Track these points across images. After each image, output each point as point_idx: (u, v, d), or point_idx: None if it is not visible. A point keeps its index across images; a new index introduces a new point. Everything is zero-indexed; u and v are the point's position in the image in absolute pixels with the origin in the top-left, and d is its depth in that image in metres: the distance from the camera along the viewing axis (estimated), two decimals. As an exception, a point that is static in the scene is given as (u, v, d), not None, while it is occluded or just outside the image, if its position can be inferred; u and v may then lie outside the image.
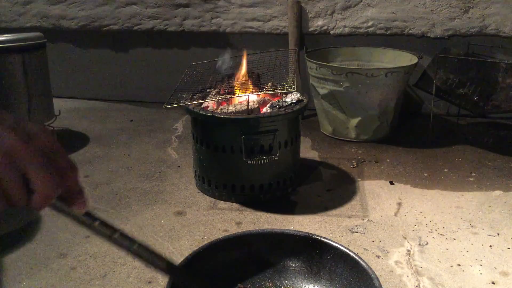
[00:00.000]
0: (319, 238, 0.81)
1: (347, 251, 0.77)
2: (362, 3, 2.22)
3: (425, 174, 1.64)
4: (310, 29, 2.29)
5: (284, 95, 1.48)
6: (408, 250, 1.17)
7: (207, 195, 1.49)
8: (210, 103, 1.47)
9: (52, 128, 1.92)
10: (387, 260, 1.13)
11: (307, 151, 1.87)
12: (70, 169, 0.45)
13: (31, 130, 0.43)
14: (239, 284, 0.81)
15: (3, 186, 0.41)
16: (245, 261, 0.83)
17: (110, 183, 1.59)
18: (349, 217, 1.35)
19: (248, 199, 1.44)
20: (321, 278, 0.81)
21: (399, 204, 1.43)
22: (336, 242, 0.80)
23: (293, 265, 0.84)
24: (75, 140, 2.02)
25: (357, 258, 0.75)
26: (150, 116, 2.36)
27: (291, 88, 1.36)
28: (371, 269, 0.71)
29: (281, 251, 0.84)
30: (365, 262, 0.73)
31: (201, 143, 1.44)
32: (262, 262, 0.84)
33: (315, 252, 0.81)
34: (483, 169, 1.68)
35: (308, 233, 0.83)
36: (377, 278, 0.69)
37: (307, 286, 0.82)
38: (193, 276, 0.70)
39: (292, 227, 1.30)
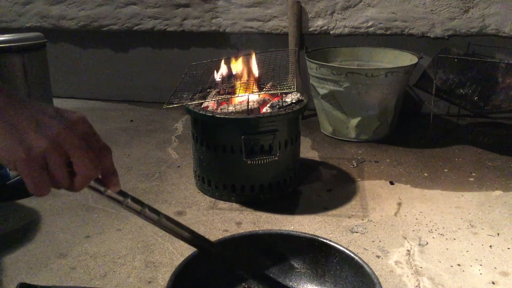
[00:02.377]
0: (325, 240, 0.81)
1: (352, 255, 0.77)
2: (362, 3, 2.22)
3: (425, 174, 1.64)
4: (310, 29, 2.29)
5: (284, 95, 1.48)
6: (408, 250, 1.17)
7: (207, 195, 1.49)
8: (210, 103, 1.48)
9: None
10: (387, 260, 1.13)
11: (307, 151, 1.87)
12: (105, 151, 0.50)
13: (71, 117, 0.47)
14: (243, 284, 0.81)
15: (50, 170, 0.45)
16: (250, 261, 0.83)
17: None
18: (349, 217, 1.35)
19: (248, 199, 1.44)
20: (326, 281, 0.81)
21: (399, 204, 1.43)
22: (342, 246, 0.80)
23: (298, 266, 0.84)
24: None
25: (361, 262, 0.75)
26: (150, 116, 2.36)
27: (291, 88, 1.36)
28: (374, 274, 0.71)
29: (286, 252, 0.84)
30: (369, 267, 0.73)
31: (201, 143, 1.44)
32: (267, 262, 0.84)
33: (320, 255, 0.82)
34: (483, 169, 1.68)
35: (314, 235, 0.83)
36: (379, 284, 0.69)
37: None
38: (220, 249, 0.71)
39: (292, 227, 1.30)
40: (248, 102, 1.40)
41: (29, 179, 0.44)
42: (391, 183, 1.57)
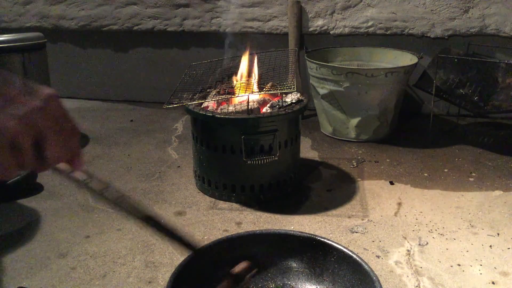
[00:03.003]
0: (323, 239, 0.81)
1: (350, 253, 0.77)
2: (362, 3, 2.22)
3: (425, 174, 1.64)
4: (310, 29, 2.29)
5: (284, 95, 1.48)
6: (408, 250, 1.17)
7: (207, 195, 1.49)
8: (210, 103, 1.47)
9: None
10: (387, 260, 1.13)
11: (307, 151, 1.87)
12: (74, 132, 0.47)
13: (42, 93, 0.44)
14: (243, 283, 0.81)
15: (18, 150, 0.42)
16: (248, 261, 0.83)
17: (110, 183, 1.59)
18: (349, 217, 1.35)
19: (248, 199, 1.44)
20: (324, 279, 0.81)
21: (399, 204, 1.43)
22: (339, 244, 0.80)
23: (296, 266, 0.84)
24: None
25: (359, 260, 0.75)
26: (150, 116, 2.36)
27: (291, 88, 1.36)
28: (373, 271, 0.71)
29: (284, 251, 0.84)
30: (367, 265, 0.73)
31: (201, 143, 1.44)
32: (265, 262, 0.84)
33: (318, 254, 0.82)
34: (483, 169, 1.68)
35: (312, 234, 0.83)
36: (378, 281, 0.69)
37: (309, 287, 0.82)
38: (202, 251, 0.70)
39: (292, 227, 1.30)
40: (248, 102, 1.40)
41: None
42: (391, 183, 1.57)
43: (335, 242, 0.80)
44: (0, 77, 0.42)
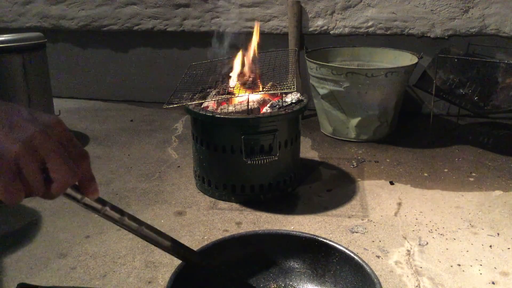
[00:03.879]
0: (325, 240, 0.81)
1: (352, 254, 0.77)
2: (362, 3, 2.22)
3: (425, 174, 1.64)
4: (310, 29, 2.29)
5: (284, 95, 1.48)
6: (408, 250, 1.17)
7: (207, 195, 1.49)
8: (210, 103, 1.47)
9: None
10: (387, 260, 1.13)
11: (307, 151, 1.87)
12: (83, 157, 0.47)
13: (47, 120, 0.44)
14: (243, 284, 0.81)
15: (24, 176, 0.42)
16: (250, 261, 0.83)
17: (110, 183, 1.59)
18: (349, 217, 1.35)
19: (248, 199, 1.44)
20: (326, 280, 0.81)
21: (399, 204, 1.43)
22: (341, 245, 0.79)
23: (298, 266, 0.84)
24: (75, 140, 2.01)
25: (361, 262, 0.74)
26: (150, 116, 2.36)
27: (291, 88, 1.36)
28: (374, 273, 0.71)
29: (286, 252, 0.84)
30: (369, 267, 0.73)
31: (201, 143, 1.44)
32: (267, 262, 0.84)
33: (320, 255, 0.81)
34: (483, 169, 1.68)
35: (314, 235, 0.83)
36: (379, 283, 0.69)
37: None
38: (201, 258, 0.70)
39: (292, 227, 1.30)
40: (248, 102, 1.40)
41: (0, 185, 0.41)
42: (391, 183, 1.57)
43: (337, 243, 0.80)
44: (8, 107, 0.43)
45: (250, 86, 1.50)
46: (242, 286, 0.77)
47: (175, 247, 0.62)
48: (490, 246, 1.19)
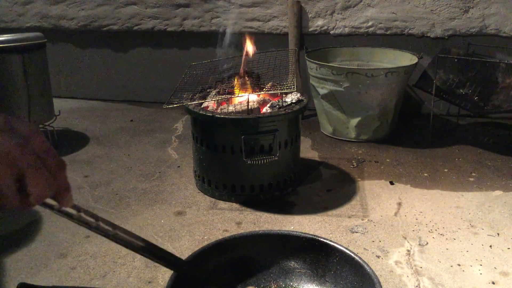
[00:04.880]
0: (326, 241, 0.81)
1: (353, 255, 0.77)
2: (362, 3, 2.22)
3: (425, 174, 1.64)
4: (310, 29, 2.29)
5: (284, 95, 1.48)
6: (408, 250, 1.17)
7: (207, 195, 1.49)
8: (210, 103, 1.47)
9: (52, 128, 1.92)
10: (387, 260, 1.13)
11: (307, 151, 1.87)
12: (60, 167, 0.46)
13: (24, 131, 0.43)
14: (243, 284, 0.81)
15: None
16: (251, 261, 0.83)
17: (110, 183, 1.59)
18: (349, 217, 1.35)
19: (248, 199, 1.44)
20: (326, 281, 0.81)
21: (399, 204, 1.43)
22: (342, 246, 0.79)
23: (299, 267, 0.84)
24: (75, 140, 2.02)
25: (362, 262, 0.74)
26: (150, 116, 2.36)
27: (291, 88, 1.36)
28: (374, 274, 0.71)
29: (287, 252, 0.84)
30: (369, 267, 0.73)
31: (201, 143, 1.44)
32: (267, 263, 0.84)
33: (321, 255, 0.81)
34: (483, 169, 1.68)
35: (315, 235, 0.83)
36: (379, 283, 0.69)
37: None
38: (190, 267, 0.70)
39: (292, 227, 1.30)
40: (248, 102, 1.40)
41: None
42: (391, 183, 1.57)
43: (337, 244, 0.80)
44: None
45: (250, 85, 1.50)
46: None
47: (152, 250, 0.60)
48: (490, 246, 1.19)
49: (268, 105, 1.47)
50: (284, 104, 1.44)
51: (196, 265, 0.74)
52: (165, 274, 1.08)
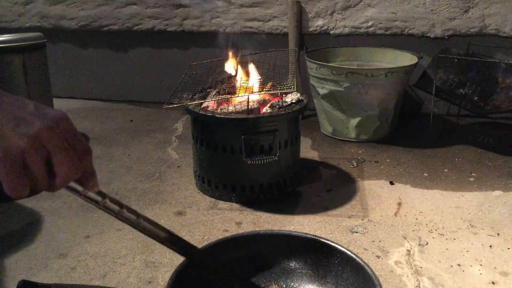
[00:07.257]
0: (327, 241, 0.81)
1: (354, 256, 0.77)
2: (362, 3, 2.22)
3: (425, 174, 1.64)
4: (310, 29, 2.29)
5: (284, 95, 1.48)
6: (408, 250, 1.17)
7: (207, 195, 1.49)
8: (210, 103, 1.47)
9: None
10: (387, 260, 1.13)
11: (307, 151, 1.87)
12: (86, 152, 0.48)
13: (53, 115, 0.45)
14: (243, 284, 0.81)
15: (29, 171, 0.43)
16: (251, 261, 0.83)
17: (110, 183, 1.59)
18: (349, 217, 1.35)
19: (248, 199, 1.44)
20: (327, 282, 0.81)
21: (399, 204, 1.43)
22: (343, 246, 0.79)
23: (300, 267, 0.84)
24: (75, 140, 2.01)
25: (362, 263, 0.74)
26: (150, 116, 2.36)
27: (291, 88, 1.36)
28: (375, 275, 0.71)
29: (288, 253, 0.84)
30: (370, 268, 0.73)
31: (201, 143, 1.44)
32: (268, 263, 0.84)
33: (322, 256, 0.81)
34: (483, 169, 1.68)
35: (316, 236, 0.83)
36: (380, 285, 0.69)
37: None
38: (207, 256, 0.70)
39: (292, 227, 1.30)
40: (248, 102, 1.40)
41: (6, 179, 0.42)
42: (391, 183, 1.57)
43: (339, 245, 0.80)
44: (14, 99, 0.44)
45: (249, 86, 1.50)
46: (244, 284, 0.77)
47: (173, 240, 0.62)
48: (490, 246, 1.19)
49: (268, 105, 1.47)
50: (284, 104, 1.44)
51: (211, 257, 0.74)
52: (165, 274, 1.08)
